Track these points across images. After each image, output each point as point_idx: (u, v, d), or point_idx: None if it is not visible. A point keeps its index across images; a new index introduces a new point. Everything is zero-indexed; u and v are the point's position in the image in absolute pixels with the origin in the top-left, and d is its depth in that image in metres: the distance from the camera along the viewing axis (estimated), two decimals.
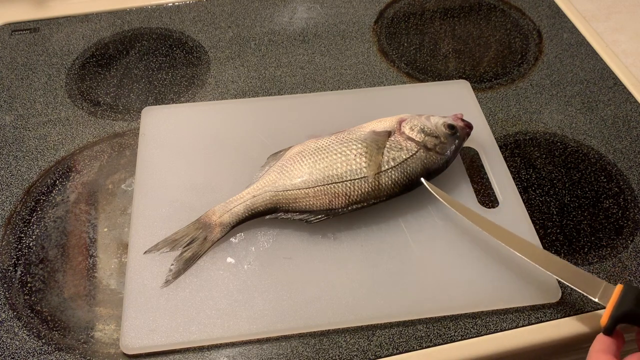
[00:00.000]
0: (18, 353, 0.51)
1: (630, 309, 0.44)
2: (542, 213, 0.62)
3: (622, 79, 0.76)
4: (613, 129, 0.71)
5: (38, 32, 0.82)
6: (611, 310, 0.45)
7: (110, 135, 0.69)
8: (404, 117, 0.61)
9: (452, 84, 0.74)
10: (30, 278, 0.56)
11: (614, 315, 0.45)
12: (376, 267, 0.56)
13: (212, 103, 0.71)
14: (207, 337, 0.51)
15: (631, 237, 0.60)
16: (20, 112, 0.71)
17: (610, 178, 0.65)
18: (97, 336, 0.53)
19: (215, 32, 0.82)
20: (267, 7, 0.86)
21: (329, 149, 0.58)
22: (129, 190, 0.63)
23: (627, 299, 0.45)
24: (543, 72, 0.77)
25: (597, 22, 0.89)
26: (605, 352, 0.43)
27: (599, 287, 0.48)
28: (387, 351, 0.52)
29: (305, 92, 0.74)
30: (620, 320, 0.45)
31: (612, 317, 0.45)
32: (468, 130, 0.61)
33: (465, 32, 0.83)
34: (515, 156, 0.67)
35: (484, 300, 0.54)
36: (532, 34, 0.83)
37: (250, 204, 0.57)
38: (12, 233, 0.60)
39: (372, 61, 0.78)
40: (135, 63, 0.78)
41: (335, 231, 0.58)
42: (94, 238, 0.59)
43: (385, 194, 0.57)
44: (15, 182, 0.64)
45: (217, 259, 0.56)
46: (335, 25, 0.84)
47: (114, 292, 0.55)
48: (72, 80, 0.76)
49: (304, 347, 0.52)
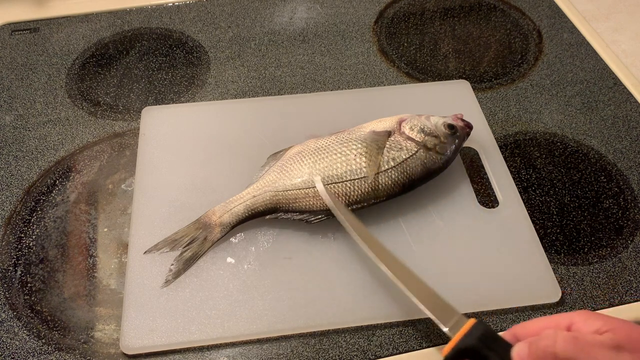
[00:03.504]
0: (18, 353, 0.51)
1: (472, 344, 0.43)
2: (542, 213, 0.62)
3: (622, 79, 0.76)
4: (613, 129, 0.71)
5: (38, 32, 0.82)
6: (455, 342, 0.44)
7: (110, 135, 0.69)
8: (404, 117, 0.61)
9: (452, 84, 0.74)
10: (30, 278, 0.56)
11: (456, 347, 0.44)
12: (376, 267, 0.56)
13: (212, 103, 0.71)
14: (207, 337, 0.51)
15: (631, 237, 0.60)
16: (20, 112, 0.71)
17: (610, 178, 0.65)
18: (97, 336, 0.53)
19: (215, 32, 0.82)
20: (267, 7, 0.86)
21: (329, 149, 0.58)
22: (129, 190, 0.63)
23: (473, 334, 0.44)
24: (543, 72, 0.77)
25: (597, 22, 0.89)
26: None
27: (452, 318, 0.47)
28: (387, 351, 0.52)
29: (305, 92, 0.74)
30: (462, 354, 0.44)
31: (454, 349, 0.44)
32: (468, 130, 0.61)
33: (465, 32, 0.83)
34: (515, 156, 0.67)
35: (484, 300, 0.54)
36: (532, 34, 0.83)
37: (250, 204, 0.57)
38: (12, 233, 0.60)
39: (372, 61, 0.78)
40: (135, 63, 0.78)
41: (335, 231, 0.58)
42: (94, 238, 0.59)
43: (385, 194, 0.57)
44: (15, 182, 0.64)
45: (217, 259, 0.56)
46: (335, 25, 0.84)
47: (114, 292, 0.55)
48: (72, 80, 0.76)
49: (304, 347, 0.52)
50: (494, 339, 0.44)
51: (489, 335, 0.44)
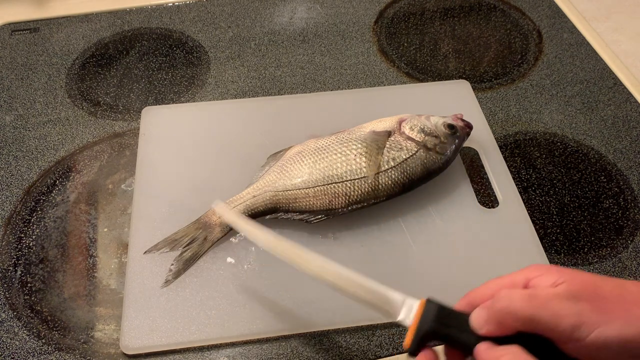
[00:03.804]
0: (18, 353, 0.51)
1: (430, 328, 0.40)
2: (542, 213, 0.62)
3: (622, 79, 0.76)
4: (613, 129, 0.71)
5: (38, 32, 0.82)
6: (413, 332, 0.40)
7: (110, 135, 0.69)
8: (404, 117, 0.61)
9: (452, 84, 0.74)
10: (30, 278, 0.56)
11: (415, 337, 0.40)
12: (376, 267, 0.56)
13: (212, 103, 0.71)
14: (207, 337, 0.51)
15: (631, 237, 0.60)
16: (20, 112, 0.71)
17: (610, 178, 0.65)
18: (97, 336, 0.53)
19: (215, 32, 0.82)
20: (267, 7, 0.86)
21: (329, 149, 0.58)
22: (129, 190, 0.63)
23: (428, 317, 0.40)
24: (543, 72, 0.77)
25: (597, 22, 0.89)
26: None
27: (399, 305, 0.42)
28: (387, 351, 0.52)
29: (305, 92, 0.74)
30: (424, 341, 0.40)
31: (414, 340, 0.40)
32: (468, 130, 0.61)
33: (465, 32, 0.83)
34: (515, 156, 0.67)
35: None
36: (532, 34, 0.83)
37: (250, 204, 0.57)
38: (12, 233, 0.60)
39: (372, 61, 0.78)
40: (135, 63, 0.78)
41: (335, 231, 0.58)
42: (94, 238, 0.59)
43: (385, 194, 0.57)
44: (15, 182, 0.64)
45: (217, 259, 0.56)
46: (335, 25, 0.84)
47: (114, 292, 0.55)
48: (72, 80, 0.76)
49: (304, 347, 0.52)
50: (450, 314, 0.40)
51: (444, 312, 0.40)
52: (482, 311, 0.39)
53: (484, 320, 0.38)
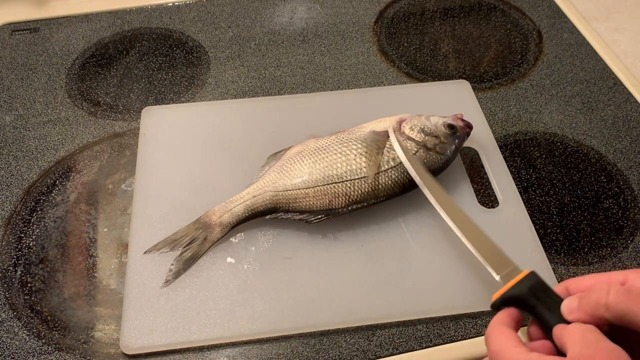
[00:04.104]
0: (18, 353, 0.51)
1: (521, 293, 0.44)
2: (542, 213, 0.62)
3: (622, 79, 0.76)
4: (613, 129, 0.71)
5: (38, 32, 0.82)
6: (505, 290, 0.45)
7: (110, 135, 0.69)
8: (404, 117, 0.61)
9: (452, 84, 0.74)
10: (30, 278, 0.56)
11: (504, 295, 0.45)
12: (376, 267, 0.56)
13: (212, 103, 0.71)
14: (207, 337, 0.51)
15: (631, 237, 0.60)
16: (20, 112, 0.71)
17: (610, 178, 0.65)
18: (97, 336, 0.53)
19: (215, 32, 0.82)
20: (267, 7, 0.86)
21: (329, 149, 0.58)
22: (129, 190, 0.63)
23: (524, 284, 0.44)
24: (543, 72, 0.77)
25: (597, 22, 0.89)
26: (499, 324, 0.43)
27: (506, 268, 0.48)
28: (387, 351, 0.52)
29: (305, 92, 0.74)
30: (509, 302, 0.44)
31: (502, 296, 0.45)
32: (468, 130, 0.61)
33: (465, 32, 0.83)
34: (515, 156, 0.67)
35: (484, 300, 0.54)
36: (532, 34, 0.83)
37: (250, 204, 0.57)
38: (12, 233, 0.60)
39: (372, 61, 0.78)
40: (135, 63, 0.78)
41: (335, 231, 0.58)
42: (94, 238, 0.59)
43: (385, 194, 0.57)
44: (15, 182, 0.64)
45: (217, 259, 0.56)
46: (335, 25, 0.84)
47: (114, 292, 0.55)
48: (72, 80, 0.76)
49: (304, 347, 0.52)
50: (545, 291, 0.44)
51: (540, 287, 0.44)
52: (575, 299, 0.41)
53: (575, 307, 0.40)
